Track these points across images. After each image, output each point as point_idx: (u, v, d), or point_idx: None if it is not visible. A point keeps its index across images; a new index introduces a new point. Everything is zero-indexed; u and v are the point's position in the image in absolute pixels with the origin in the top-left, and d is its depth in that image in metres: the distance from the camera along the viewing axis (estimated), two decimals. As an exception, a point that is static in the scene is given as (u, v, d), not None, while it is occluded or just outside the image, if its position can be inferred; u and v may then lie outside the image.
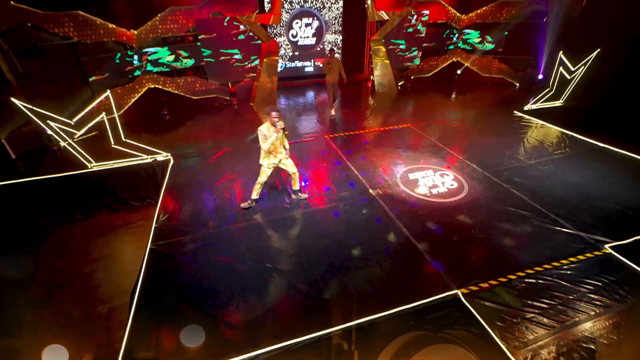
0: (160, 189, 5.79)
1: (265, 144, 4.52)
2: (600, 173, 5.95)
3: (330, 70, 8.28)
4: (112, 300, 3.85)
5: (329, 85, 8.55)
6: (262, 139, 4.53)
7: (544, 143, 7.26)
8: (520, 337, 3.19)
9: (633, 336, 3.20)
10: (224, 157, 6.80)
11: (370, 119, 9.02)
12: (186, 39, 9.09)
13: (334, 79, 8.40)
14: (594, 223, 4.68)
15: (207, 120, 9.05)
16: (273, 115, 4.40)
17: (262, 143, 4.54)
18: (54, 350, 3.22)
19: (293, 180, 5.19)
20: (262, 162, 4.84)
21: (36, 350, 3.18)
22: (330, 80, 8.44)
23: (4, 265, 4.40)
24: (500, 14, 10.89)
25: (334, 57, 8.31)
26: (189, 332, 3.28)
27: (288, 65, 11.82)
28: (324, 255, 4.19)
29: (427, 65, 11.84)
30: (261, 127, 4.52)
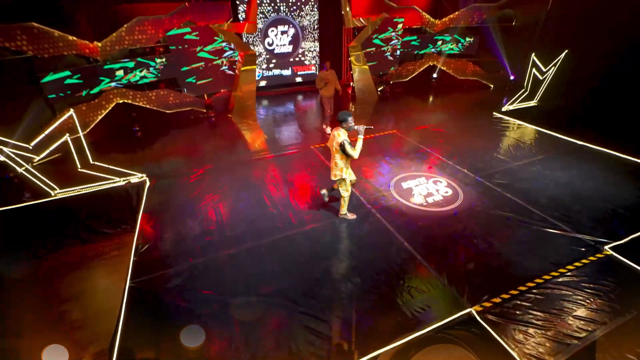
0: (137, 215, 5.27)
1: (356, 152, 4.15)
2: (585, 172, 6.07)
3: (326, 84, 7.89)
4: (87, 348, 3.34)
5: (325, 99, 8.14)
6: (350, 149, 4.13)
7: (526, 144, 7.37)
8: (541, 355, 3.02)
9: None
10: (206, 175, 6.35)
11: (355, 126, 8.84)
12: (156, 50, 8.56)
13: (330, 92, 8.02)
14: (590, 224, 4.68)
15: (184, 135, 8.52)
16: (350, 120, 4.14)
17: (353, 151, 4.14)
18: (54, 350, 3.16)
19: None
20: (345, 176, 4.42)
21: None
22: (327, 94, 8.04)
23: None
24: (472, 18, 11.15)
25: (330, 69, 7.87)
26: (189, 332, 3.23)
27: (266, 74, 11.49)
28: (326, 280, 3.88)
29: (405, 70, 11.90)
30: (342, 138, 4.11)
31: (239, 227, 4.85)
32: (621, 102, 8.29)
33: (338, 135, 4.15)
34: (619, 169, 6.14)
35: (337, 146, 4.17)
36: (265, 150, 7.39)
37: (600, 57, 8.76)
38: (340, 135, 4.14)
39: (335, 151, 4.26)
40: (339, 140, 4.12)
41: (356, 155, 4.15)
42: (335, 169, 4.40)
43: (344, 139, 4.11)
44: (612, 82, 8.57)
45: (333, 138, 4.24)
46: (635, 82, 8.04)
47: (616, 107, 8.38)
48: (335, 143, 4.18)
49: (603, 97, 8.75)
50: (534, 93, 9.78)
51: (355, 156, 4.16)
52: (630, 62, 8.27)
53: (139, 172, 6.15)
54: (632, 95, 8.11)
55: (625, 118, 8.00)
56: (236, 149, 7.64)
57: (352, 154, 4.13)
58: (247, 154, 7.27)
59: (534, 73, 9.53)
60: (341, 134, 4.15)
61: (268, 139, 8.08)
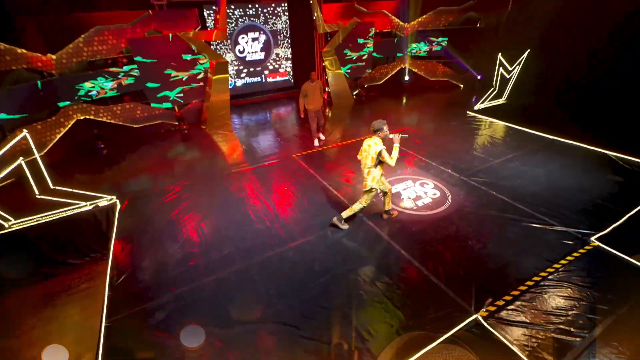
0: (109, 242, 4.78)
1: (393, 159, 4.15)
2: (561, 166, 6.29)
3: (312, 96, 7.18)
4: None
5: (312, 113, 7.39)
6: (387, 156, 4.12)
7: (502, 140, 7.58)
8: (550, 356, 2.98)
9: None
10: (183, 192, 5.93)
11: (336, 132, 8.73)
12: (119, 62, 8.00)
13: (317, 105, 7.30)
14: (574, 216, 4.81)
15: (155, 150, 7.99)
16: (385, 129, 4.19)
17: (391, 159, 4.13)
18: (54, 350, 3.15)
19: (388, 197, 4.77)
20: (375, 186, 4.35)
21: None
22: (313, 107, 7.29)
23: None
24: (439, 21, 11.47)
25: (316, 80, 7.18)
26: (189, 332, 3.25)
27: (238, 82, 11.14)
28: (325, 298, 3.66)
29: (379, 73, 12.01)
30: (379, 147, 4.12)
31: (226, 247, 4.51)
32: (585, 97, 8.79)
33: (375, 144, 4.14)
34: (591, 161, 6.43)
35: (374, 155, 4.15)
36: (244, 162, 7.06)
37: (561, 55, 9.26)
38: (377, 144, 4.13)
39: (371, 160, 4.20)
40: (376, 149, 4.11)
41: (393, 162, 4.15)
42: (367, 179, 4.34)
43: (382, 147, 4.11)
44: (575, 78, 9.07)
45: (367, 148, 4.22)
46: (595, 77, 8.55)
47: (581, 101, 8.87)
48: (373, 152, 4.15)
49: (567, 93, 9.24)
50: (503, 91, 10.18)
51: (392, 164, 4.15)
52: (589, 58, 8.79)
53: (107, 194, 5.62)
54: (594, 90, 8.62)
55: (590, 112, 8.48)
56: (213, 162, 7.25)
57: (389, 162, 4.13)
58: (226, 167, 6.91)
59: (501, 72, 9.93)
60: (378, 143, 4.14)
61: (246, 150, 7.76)
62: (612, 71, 8.05)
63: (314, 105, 7.26)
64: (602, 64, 8.37)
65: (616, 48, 8.15)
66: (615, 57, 8.30)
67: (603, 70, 8.23)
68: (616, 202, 5.09)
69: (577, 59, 9.00)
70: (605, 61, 8.28)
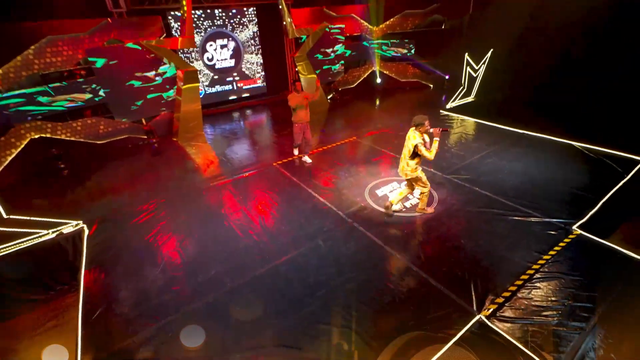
0: (78, 273, 4.31)
1: (432, 153, 4.26)
2: (534, 158, 6.56)
3: (300, 106, 6.31)
4: None
5: (298, 127, 6.57)
6: (425, 150, 4.26)
7: (476, 137, 7.82)
8: (558, 348, 2.99)
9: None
10: (159, 211, 5.52)
11: (314, 137, 8.60)
12: (76, 74, 7.40)
13: (305, 117, 6.49)
14: (555, 207, 4.99)
15: (123, 167, 7.43)
16: (427, 124, 4.30)
17: (429, 153, 4.25)
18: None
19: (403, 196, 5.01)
20: (420, 175, 4.62)
21: None
22: (299, 119, 6.46)
23: None
24: (406, 24, 11.75)
25: (302, 91, 6.43)
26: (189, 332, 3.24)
27: (208, 91, 10.72)
28: (325, 312, 3.48)
29: (351, 77, 12.07)
30: (416, 140, 4.28)
31: (212, 267, 4.21)
32: (547, 91, 9.29)
33: (413, 137, 4.32)
34: (560, 152, 6.77)
35: (411, 147, 4.33)
36: (222, 174, 6.73)
37: (523, 52, 9.74)
38: (415, 138, 4.30)
39: (408, 152, 4.41)
40: (413, 142, 4.30)
41: (432, 156, 4.27)
42: (406, 169, 4.57)
43: (419, 141, 4.27)
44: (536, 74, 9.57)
45: (407, 140, 4.43)
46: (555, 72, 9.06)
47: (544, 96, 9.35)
48: (410, 144, 4.33)
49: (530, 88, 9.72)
50: (471, 89, 10.57)
51: (430, 157, 4.27)
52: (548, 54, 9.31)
53: (72, 219, 5.12)
54: (555, 85, 9.14)
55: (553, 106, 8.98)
56: (188, 176, 6.85)
57: (427, 156, 4.26)
58: (203, 181, 6.54)
59: (468, 71, 10.31)
60: (416, 137, 4.30)
61: (223, 161, 7.42)
62: (570, 65, 8.58)
63: (301, 117, 6.46)
64: (562, 59, 8.90)
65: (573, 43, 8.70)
66: (571, 51, 8.86)
67: (563, 64, 8.76)
68: (588, 190, 5.35)
69: (537, 55, 9.51)
70: (564, 56, 8.81)
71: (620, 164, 6.08)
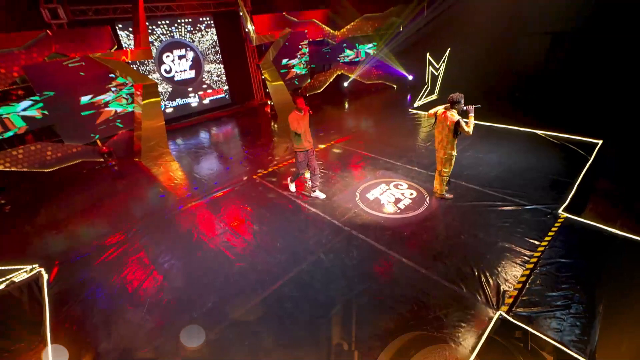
0: (41, 327, 3.62)
1: (470, 128, 4.53)
2: (507, 149, 6.87)
3: (303, 129, 5.03)
4: None
5: (302, 155, 5.23)
6: (465, 125, 4.50)
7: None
8: (581, 336, 3.02)
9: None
10: (130, 243, 4.90)
11: (291, 145, 8.33)
12: (11, 95, 6.45)
13: (311, 142, 5.21)
14: (538, 193, 5.20)
15: (78, 196, 6.55)
16: (462, 103, 4.55)
17: (468, 128, 4.50)
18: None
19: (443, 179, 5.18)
20: (454, 154, 4.90)
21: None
22: (304, 146, 5.14)
23: None
24: (366, 27, 11.94)
25: (305, 107, 5.03)
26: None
27: (169, 105, 9.99)
28: (344, 333, 3.22)
29: (317, 82, 11.98)
30: (457, 117, 4.52)
31: (207, 298, 3.76)
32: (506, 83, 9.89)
33: (452, 115, 4.56)
34: (527, 141, 7.17)
35: (451, 125, 4.58)
36: (198, 194, 6.20)
37: (479, 49, 10.31)
38: (454, 115, 4.55)
39: (448, 130, 4.65)
40: (454, 120, 4.53)
41: (471, 131, 4.53)
42: (447, 148, 4.82)
43: (459, 117, 4.52)
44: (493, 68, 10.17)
45: (445, 119, 4.64)
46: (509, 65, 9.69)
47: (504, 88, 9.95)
48: (449, 122, 4.59)
49: (490, 81, 10.30)
50: (435, 87, 10.97)
51: (470, 131, 4.53)
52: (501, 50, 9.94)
53: (25, 263, 4.34)
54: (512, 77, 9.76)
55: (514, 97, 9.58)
56: (159, 199, 6.22)
57: (468, 131, 4.51)
58: (177, 202, 5.96)
59: (431, 70, 10.69)
60: (455, 115, 4.55)
61: (196, 179, 6.85)
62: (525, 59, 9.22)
63: (306, 143, 5.15)
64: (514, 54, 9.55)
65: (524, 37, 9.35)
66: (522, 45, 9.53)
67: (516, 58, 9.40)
68: (561, 174, 5.69)
69: (492, 51, 10.12)
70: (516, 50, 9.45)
71: (581, 147, 6.56)
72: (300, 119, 5.01)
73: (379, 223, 4.84)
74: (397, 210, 5.12)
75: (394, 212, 5.07)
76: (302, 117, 5.02)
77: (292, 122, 4.99)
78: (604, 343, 2.93)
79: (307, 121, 5.09)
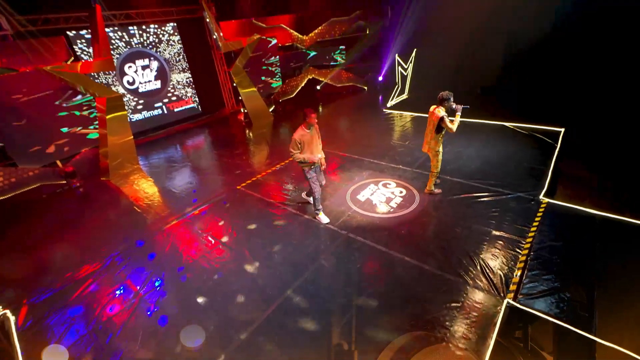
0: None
1: (455, 126, 4.64)
2: (481, 141, 7.19)
3: (312, 145, 4.54)
4: None
5: (310, 170, 4.69)
6: (449, 122, 4.65)
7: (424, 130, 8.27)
8: (583, 314, 3.16)
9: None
10: (108, 273, 4.46)
11: (270, 151, 8.13)
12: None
13: (321, 157, 4.74)
14: (517, 182, 5.47)
15: (39, 225, 5.88)
16: (451, 101, 4.69)
17: (452, 125, 4.63)
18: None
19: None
20: (440, 150, 5.01)
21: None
22: (310, 161, 4.55)
23: None
24: (333, 31, 12.06)
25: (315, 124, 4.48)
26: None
27: (134, 118, 9.38)
28: (362, 342, 3.12)
29: (289, 87, 11.87)
30: (442, 113, 4.64)
31: (208, 322, 3.49)
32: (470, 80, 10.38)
33: (438, 111, 4.67)
34: (498, 133, 7.55)
35: (435, 121, 4.70)
36: (178, 210, 5.82)
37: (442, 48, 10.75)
38: (441, 112, 4.66)
39: (434, 127, 4.78)
40: (439, 115, 4.64)
41: (454, 128, 4.64)
42: (431, 143, 4.95)
43: (443, 114, 4.65)
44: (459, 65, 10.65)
45: (432, 114, 4.77)
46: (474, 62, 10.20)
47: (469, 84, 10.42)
48: (435, 118, 4.70)
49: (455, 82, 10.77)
50: (404, 87, 11.29)
51: (454, 130, 4.64)
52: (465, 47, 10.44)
53: (-14, 306, 3.81)
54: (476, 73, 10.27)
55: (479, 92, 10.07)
56: (134, 220, 5.70)
57: (452, 128, 4.63)
58: (156, 222, 5.55)
59: (400, 71, 10.99)
60: (441, 111, 4.67)
61: (175, 195, 6.45)
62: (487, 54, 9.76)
63: (314, 156, 4.59)
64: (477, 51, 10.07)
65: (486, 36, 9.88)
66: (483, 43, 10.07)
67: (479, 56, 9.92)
68: (535, 162, 6.04)
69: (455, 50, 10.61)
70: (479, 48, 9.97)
71: (547, 136, 7.03)
72: (309, 139, 4.41)
73: (375, 223, 4.82)
74: (390, 209, 5.13)
75: (388, 211, 5.08)
76: (311, 137, 4.43)
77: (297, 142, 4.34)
78: (605, 317, 3.09)
79: (317, 137, 4.60)
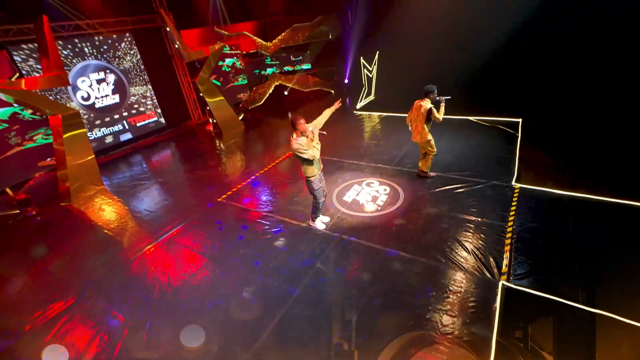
0: None
1: (441, 115, 5.13)
2: (450, 135, 7.56)
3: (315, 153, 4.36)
4: None
5: (317, 181, 4.49)
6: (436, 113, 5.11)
7: (395, 128, 8.56)
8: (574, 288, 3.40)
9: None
10: (84, 307, 4.06)
11: (247, 161, 7.92)
12: None
13: (315, 170, 4.48)
14: (490, 171, 5.81)
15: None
16: (436, 92, 5.11)
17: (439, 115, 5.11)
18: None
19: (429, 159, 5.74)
20: (430, 138, 5.44)
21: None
22: (315, 171, 4.46)
23: None
24: (297, 37, 12.10)
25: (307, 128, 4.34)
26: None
27: (92, 136, 8.70)
28: (373, 344, 3.11)
29: (257, 94, 11.71)
30: (429, 105, 5.11)
31: (210, 345, 3.29)
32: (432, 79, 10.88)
33: (425, 104, 5.13)
34: (464, 126, 8.01)
35: (424, 112, 5.13)
36: (154, 231, 5.44)
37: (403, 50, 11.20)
38: (427, 103, 5.12)
39: (423, 117, 5.19)
40: (426, 107, 5.10)
41: (441, 118, 5.12)
42: (422, 133, 5.35)
43: (430, 106, 5.10)
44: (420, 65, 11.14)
45: (419, 107, 5.20)
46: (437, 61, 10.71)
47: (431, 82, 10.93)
48: (423, 110, 5.14)
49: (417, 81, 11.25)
50: (371, 89, 11.61)
51: (440, 119, 5.11)
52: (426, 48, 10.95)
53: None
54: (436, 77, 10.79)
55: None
56: (106, 247, 5.19)
57: (438, 117, 5.10)
58: (131, 246, 5.14)
59: (365, 73, 11.29)
60: (428, 103, 5.11)
61: (147, 215, 6.01)
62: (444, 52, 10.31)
63: (318, 167, 4.53)
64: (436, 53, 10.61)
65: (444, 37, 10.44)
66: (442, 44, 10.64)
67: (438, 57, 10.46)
68: (501, 151, 6.48)
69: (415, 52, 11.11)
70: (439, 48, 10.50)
71: (507, 126, 7.57)
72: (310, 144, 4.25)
73: (366, 223, 4.87)
74: (378, 207, 5.21)
75: (376, 209, 5.16)
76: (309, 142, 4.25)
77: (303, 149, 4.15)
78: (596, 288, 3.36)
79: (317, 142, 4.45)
